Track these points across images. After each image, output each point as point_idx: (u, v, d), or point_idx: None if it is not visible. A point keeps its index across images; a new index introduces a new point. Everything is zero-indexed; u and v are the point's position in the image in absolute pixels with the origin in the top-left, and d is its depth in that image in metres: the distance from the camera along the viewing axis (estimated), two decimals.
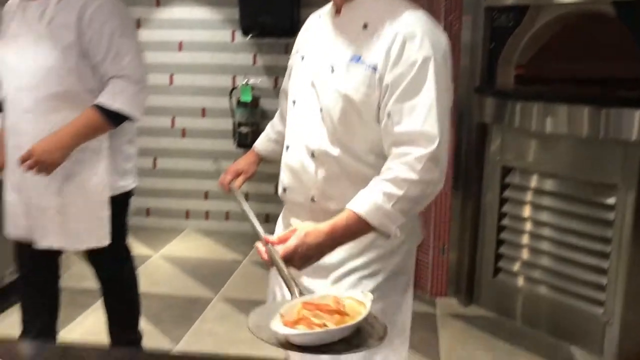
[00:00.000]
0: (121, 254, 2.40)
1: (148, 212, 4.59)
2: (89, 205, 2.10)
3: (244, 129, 4.20)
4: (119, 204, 2.22)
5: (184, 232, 4.48)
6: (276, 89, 4.23)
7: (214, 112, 4.41)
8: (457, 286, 3.43)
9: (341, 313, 0.98)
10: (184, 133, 4.47)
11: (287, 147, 1.48)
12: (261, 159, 1.79)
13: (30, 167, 1.91)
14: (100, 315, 2.49)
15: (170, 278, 3.69)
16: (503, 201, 3.18)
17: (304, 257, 1.19)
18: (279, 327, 0.97)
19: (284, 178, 1.48)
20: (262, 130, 1.85)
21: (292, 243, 1.18)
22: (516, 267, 3.16)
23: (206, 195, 4.51)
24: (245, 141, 4.16)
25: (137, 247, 4.19)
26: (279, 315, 0.99)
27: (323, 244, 1.20)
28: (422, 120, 1.25)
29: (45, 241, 2.11)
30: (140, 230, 4.43)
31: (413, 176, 1.23)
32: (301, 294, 1.10)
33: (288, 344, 0.96)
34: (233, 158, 1.97)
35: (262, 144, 1.81)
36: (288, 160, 1.46)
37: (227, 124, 4.34)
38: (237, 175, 1.71)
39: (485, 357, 2.79)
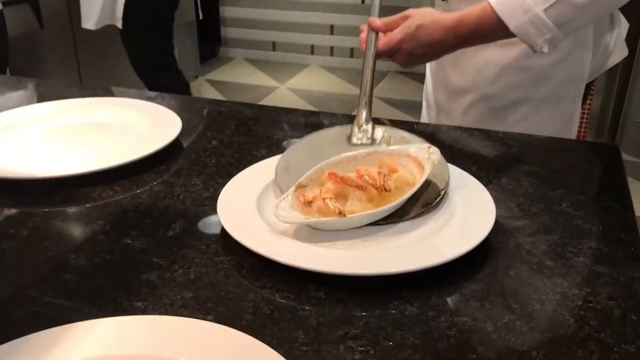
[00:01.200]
0: (160, 61, 2.62)
1: (274, 46, 4.58)
2: None
3: None
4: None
5: (309, 67, 4.46)
6: None
7: None
8: (599, 130, 3.20)
9: (379, 188, 0.70)
10: None
11: None
12: None
13: None
14: None
15: (295, 107, 3.73)
16: None
17: (411, 55, 0.97)
18: (282, 211, 0.67)
19: None
20: None
21: (396, 37, 0.96)
22: None
23: (332, 30, 4.40)
24: None
25: (263, 78, 4.25)
26: (293, 188, 0.70)
27: (441, 41, 0.96)
28: None
29: None
30: (266, 64, 4.48)
31: None
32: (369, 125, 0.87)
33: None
34: None
35: None
36: None
37: None
38: None
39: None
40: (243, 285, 0.61)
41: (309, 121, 1.07)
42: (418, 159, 0.75)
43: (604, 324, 0.56)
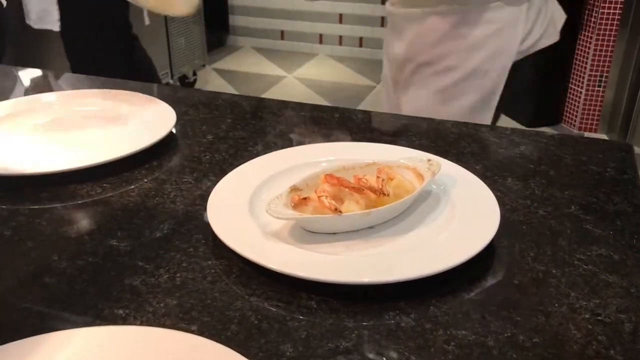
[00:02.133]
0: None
1: (282, 34, 4.53)
2: None
3: None
4: None
5: (317, 57, 4.41)
6: None
7: None
8: (610, 123, 3.14)
9: (377, 192, 0.68)
10: None
11: None
12: None
13: None
14: None
15: (303, 98, 3.69)
16: None
17: None
18: (274, 206, 0.65)
19: None
20: None
21: None
22: None
23: (340, 19, 4.34)
24: None
25: (271, 68, 4.20)
26: (287, 189, 0.68)
27: None
28: None
29: None
30: (274, 52, 4.43)
31: None
32: None
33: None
34: None
35: None
36: None
37: None
38: None
39: None
40: (231, 292, 0.58)
41: (309, 115, 1.03)
42: (417, 170, 0.72)
43: (613, 340, 0.52)
